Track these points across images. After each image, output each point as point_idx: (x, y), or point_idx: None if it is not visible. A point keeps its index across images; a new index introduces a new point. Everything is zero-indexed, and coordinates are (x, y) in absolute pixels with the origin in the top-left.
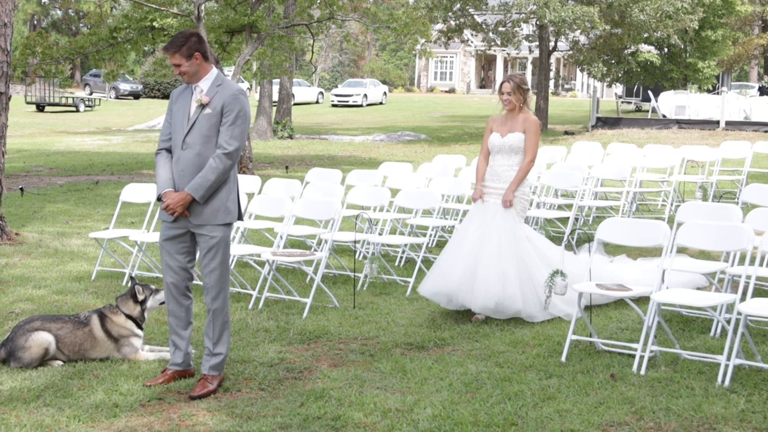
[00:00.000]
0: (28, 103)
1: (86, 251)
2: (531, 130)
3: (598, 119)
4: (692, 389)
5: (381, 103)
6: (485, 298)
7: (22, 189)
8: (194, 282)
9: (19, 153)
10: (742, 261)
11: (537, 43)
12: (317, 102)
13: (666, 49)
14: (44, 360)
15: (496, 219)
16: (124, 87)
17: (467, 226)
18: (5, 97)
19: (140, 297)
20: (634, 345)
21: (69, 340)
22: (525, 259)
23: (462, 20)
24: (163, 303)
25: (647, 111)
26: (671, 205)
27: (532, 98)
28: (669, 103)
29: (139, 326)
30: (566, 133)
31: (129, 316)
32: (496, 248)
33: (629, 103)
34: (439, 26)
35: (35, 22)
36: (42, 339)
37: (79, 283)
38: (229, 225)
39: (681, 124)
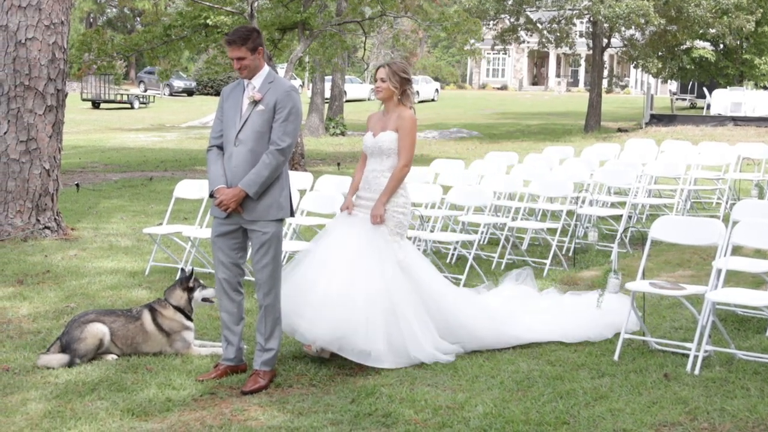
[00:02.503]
0: (83, 100)
1: (140, 246)
2: (405, 128)
3: (652, 116)
4: (747, 390)
5: (433, 100)
6: (322, 330)
7: (77, 185)
8: (245, 278)
9: (75, 149)
10: None
11: (590, 39)
12: (369, 99)
13: (722, 45)
14: (99, 352)
15: (360, 237)
16: (178, 84)
17: (321, 239)
18: (62, 94)
19: (190, 284)
20: (688, 344)
21: (122, 333)
22: (389, 289)
23: (516, 19)
24: (206, 300)
25: (702, 108)
26: (726, 203)
27: (414, 92)
28: (724, 100)
29: (189, 318)
30: (619, 130)
31: (177, 308)
32: (348, 270)
33: (684, 99)
34: (492, 23)
35: (91, 20)
36: (97, 330)
37: (133, 278)
38: (281, 221)
39: (737, 121)
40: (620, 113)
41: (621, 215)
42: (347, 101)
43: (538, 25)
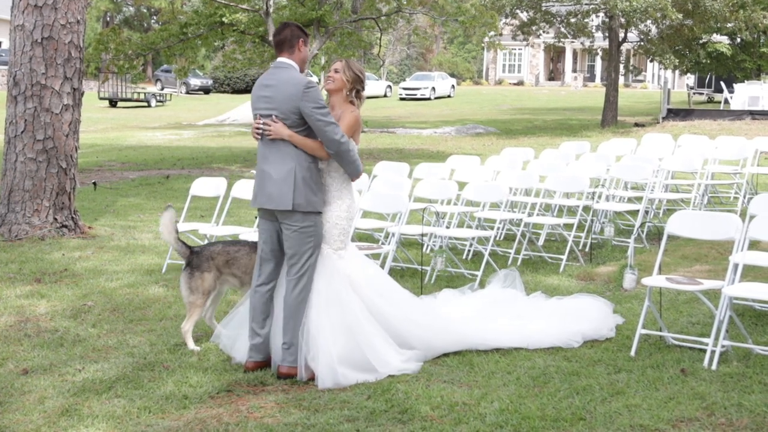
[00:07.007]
0: (101, 98)
1: (157, 244)
2: (347, 120)
3: (669, 111)
4: (765, 385)
5: (449, 96)
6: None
7: (95, 183)
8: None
9: (92, 148)
10: None
11: (606, 33)
12: (385, 95)
13: (739, 39)
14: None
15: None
16: (195, 82)
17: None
18: (78, 92)
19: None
20: (705, 339)
21: (244, 262)
22: (343, 312)
23: (534, 12)
24: None
25: (719, 102)
26: (744, 197)
27: (364, 97)
28: (742, 94)
29: None
30: (636, 125)
31: None
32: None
33: (701, 94)
34: (508, 20)
35: (108, 18)
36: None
37: (150, 276)
38: None
39: (754, 115)
40: (637, 108)
41: (638, 210)
42: None
43: (558, 18)
